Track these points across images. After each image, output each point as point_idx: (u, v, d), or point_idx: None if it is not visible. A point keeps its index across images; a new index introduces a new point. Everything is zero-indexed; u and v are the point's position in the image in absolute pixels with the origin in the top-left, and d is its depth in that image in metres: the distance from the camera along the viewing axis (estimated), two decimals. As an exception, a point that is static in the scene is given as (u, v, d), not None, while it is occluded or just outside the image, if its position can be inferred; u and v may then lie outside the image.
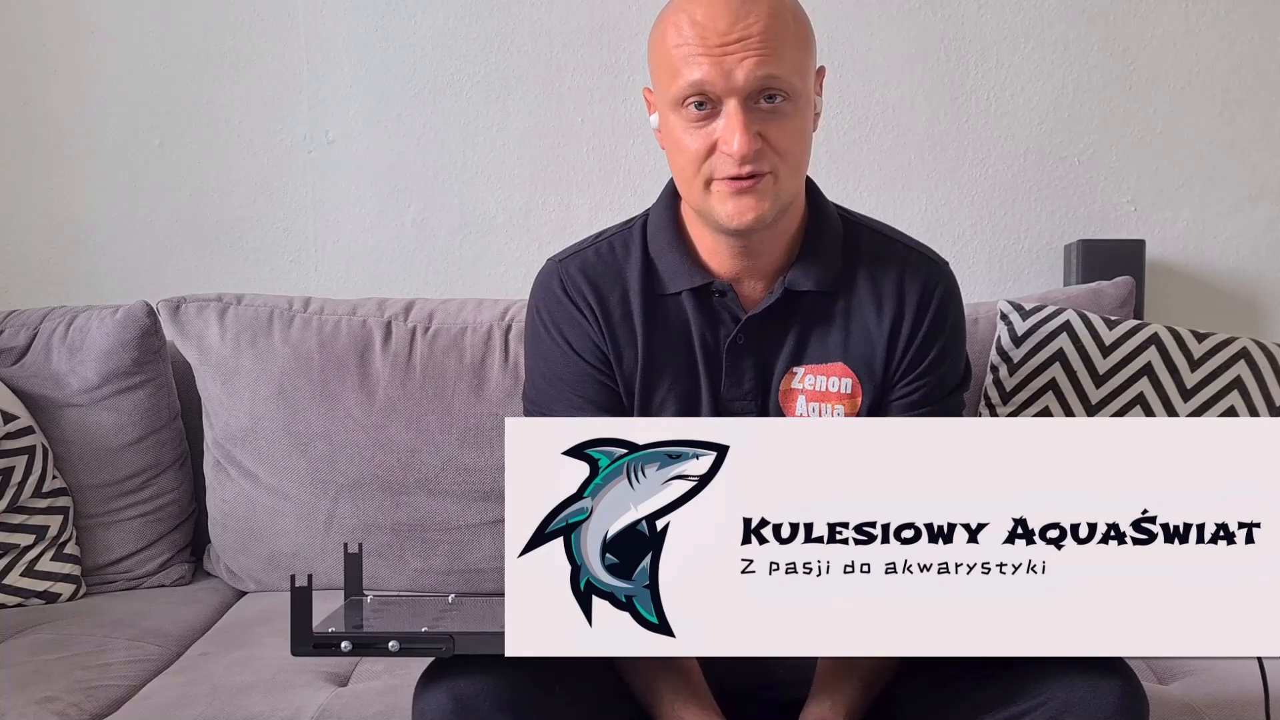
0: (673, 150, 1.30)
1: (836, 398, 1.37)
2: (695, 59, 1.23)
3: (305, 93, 2.16)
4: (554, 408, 1.39)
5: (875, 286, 1.37)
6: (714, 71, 1.22)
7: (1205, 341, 1.76)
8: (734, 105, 1.23)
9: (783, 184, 1.28)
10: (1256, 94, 2.12)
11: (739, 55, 1.22)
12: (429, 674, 1.14)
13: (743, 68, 1.22)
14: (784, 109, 1.25)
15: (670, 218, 1.38)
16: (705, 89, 1.23)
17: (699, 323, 1.36)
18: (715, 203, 1.28)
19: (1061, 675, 1.12)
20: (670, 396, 1.37)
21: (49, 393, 1.87)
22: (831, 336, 1.37)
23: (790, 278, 1.35)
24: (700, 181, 1.27)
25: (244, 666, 1.55)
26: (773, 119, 1.25)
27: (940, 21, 2.12)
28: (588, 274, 1.39)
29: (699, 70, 1.23)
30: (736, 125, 1.23)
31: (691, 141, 1.26)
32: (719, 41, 1.22)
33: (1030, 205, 2.15)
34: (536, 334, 1.41)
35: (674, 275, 1.36)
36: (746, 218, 1.27)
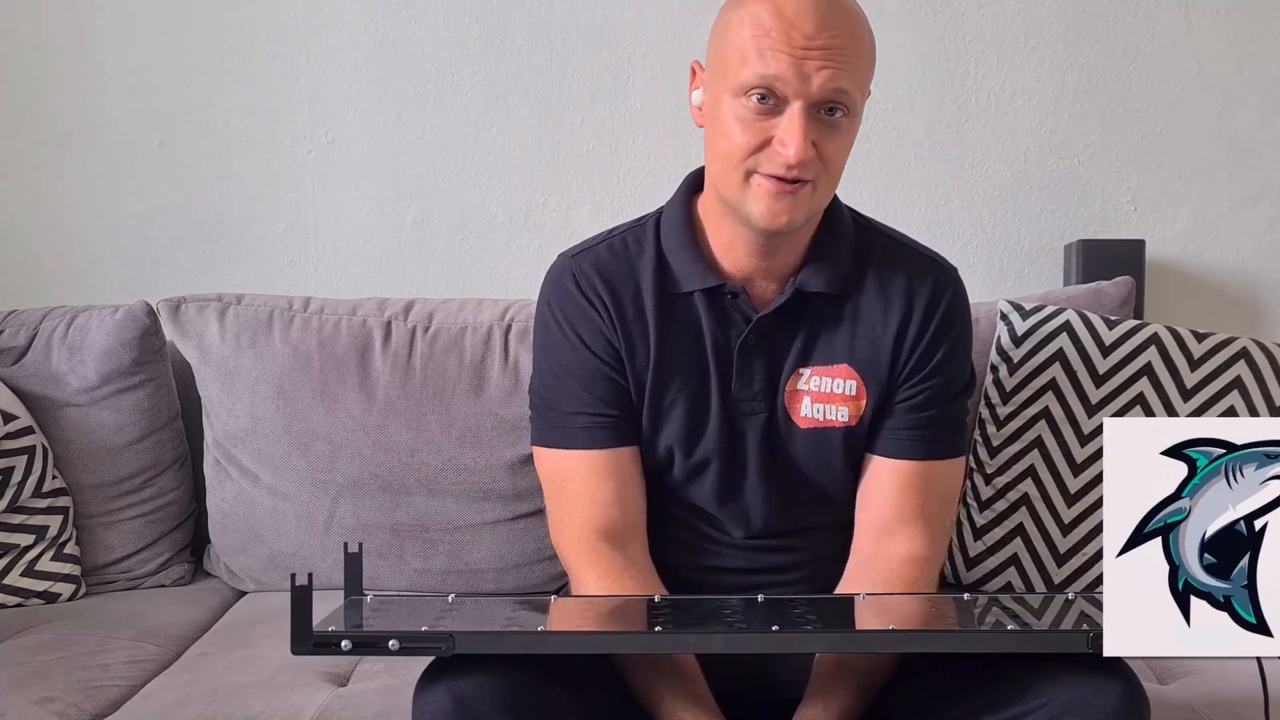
0: (719, 135, 1.28)
1: (841, 399, 1.37)
2: (775, 53, 1.22)
3: (305, 93, 2.16)
4: (562, 403, 1.38)
5: (884, 290, 1.37)
6: (792, 71, 1.22)
7: (1205, 341, 1.76)
8: (799, 109, 1.23)
9: (820, 194, 1.29)
10: (1256, 94, 2.12)
11: (818, 62, 1.22)
12: (429, 674, 1.14)
13: (820, 75, 1.22)
14: (841, 123, 1.26)
15: (685, 217, 1.38)
16: (776, 86, 1.23)
17: (711, 323, 1.36)
18: (751, 197, 1.27)
19: (1062, 676, 1.13)
20: (680, 396, 1.37)
21: (49, 392, 1.87)
22: (838, 338, 1.37)
23: (801, 278, 1.35)
24: (741, 172, 1.27)
25: (244, 666, 1.55)
26: (828, 131, 1.25)
27: (940, 21, 2.12)
28: (601, 270, 1.38)
29: (778, 65, 1.22)
30: (798, 130, 1.22)
31: (743, 132, 1.25)
32: (803, 43, 1.22)
33: (1030, 205, 2.15)
34: (547, 328, 1.40)
35: (687, 275, 1.36)
36: (780, 220, 1.27)
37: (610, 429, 1.37)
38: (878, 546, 1.37)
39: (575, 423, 1.37)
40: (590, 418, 1.37)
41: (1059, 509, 1.75)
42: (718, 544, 1.42)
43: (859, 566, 1.38)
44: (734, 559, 1.42)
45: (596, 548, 1.35)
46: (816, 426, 1.37)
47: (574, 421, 1.37)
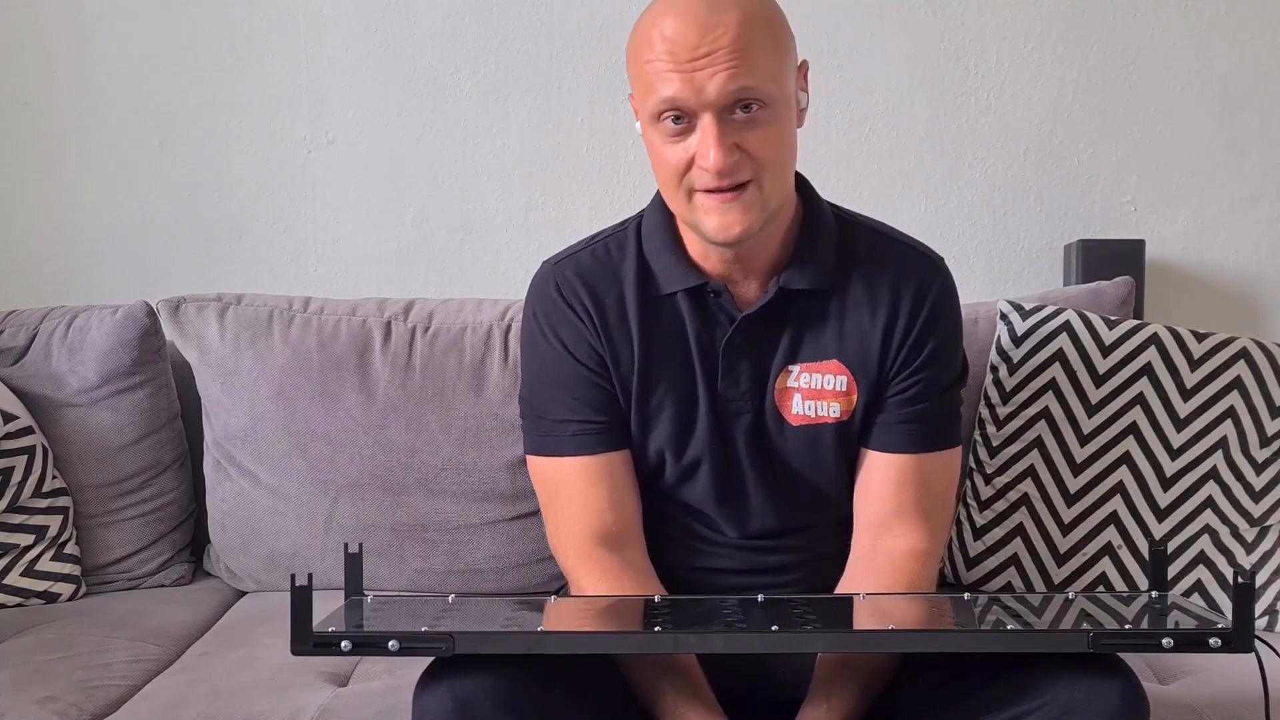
0: (655, 161, 1.30)
1: (832, 395, 1.37)
2: (667, 75, 1.22)
3: (305, 93, 2.16)
4: (551, 410, 1.39)
5: (870, 284, 1.37)
6: (685, 88, 1.22)
7: (1205, 341, 1.76)
8: (708, 119, 1.23)
9: (767, 191, 1.27)
10: (1256, 94, 2.12)
11: (709, 70, 1.21)
12: (429, 674, 1.14)
13: (714, 82, 1.21)
14: (761, 117, 1.24)
15: (664, 219, 1.39)
16: (679, 104, 1.23)
17: (695, 323, 1.37)
18: (701, 215, 1.27)
19: (1062, 676, 1.12)
20: (668, 398, 1.38)
21: (49, 393, 1.87)
22: (826, 335, 1.37)
23: (784, 277, 1.35)
24: (683, 193, 1.28)
25: (244, 666, 1.55)
26: (750, 128, 1.24)
27: (940, 21, 2.12)
28: (583, 276, 1.39)
29: (671, 86, 1.22)
30: (711, 140, 1.22)
31: (671, 154, 1.26)
32: (689, 56, 1.21)
33: (1030, 205, 2.15)
34: (532, 337, 1.41)
35: (669, 276, 1.37)
36: (734, 231, 1.27)
37: (600, 435, 1.37)
38: (877, 542, 1.37)
39: (565, 430, 1.38)
40: (579, 425, 1.37)
41: (1059, 509, 1.75)
42: (713, 544, 1.43)
43: (859, 563, 1.38)
44: (730, 559, 1.42)
45: (594, 553, 1.35)
46: (808, 423, 1.37)
47: (563, 429, 1.38)
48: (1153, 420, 1.74)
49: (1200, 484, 1.73)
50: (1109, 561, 1.74)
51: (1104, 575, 1.73)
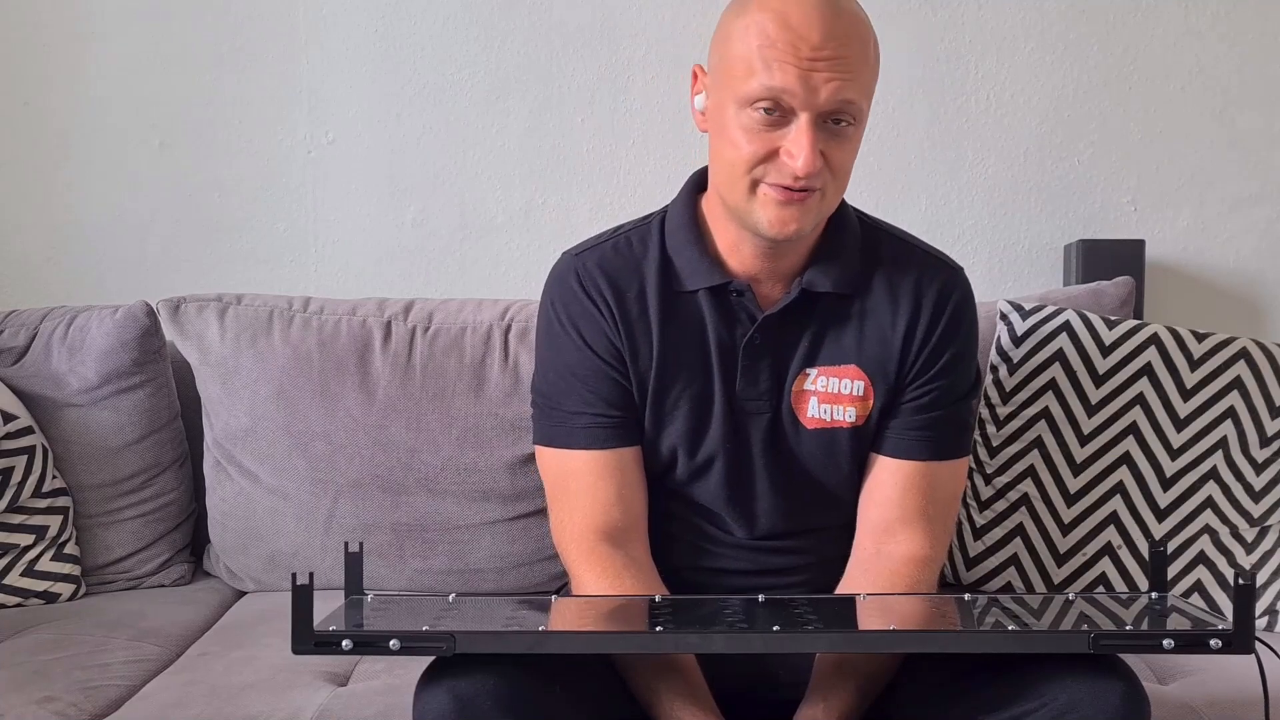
0: (725, 144, 1.27)
1: (849, 400, 1.37)
2: (782, 65, 1.20)
3: (305, 93, 2.16)
4: (564, 402, 1.38)
5: (892, 290, 1.37)
6: (799, 84, 1.20)
7: (1205, 341, 1.76)
8: (806, 121, 1.22)
9: (828, 201, 1.29)
10: (1256, 94, 2.12)
11: (825, 73, 1.20)
12: (429, 673, 1.14)
13: (828, 87, 1.21)
14: (848, 131, 1.25)
15: (689, 215, 1.38)
16: (784, 98, 1.21)
17: (715, 322, 1.36)
18: (759, 206, 1.26)
19: (1062, 676, 1.12)
20: (684, 395, 1.37)
21: (49, 393, 1.87)
22: (846, 338, 1.37)
23: (808, 278, 1.35)
24: (748, 182, 1.26)
25: (244, 666, 1.55)
26: (836, 140, 1.25)
27: (940, 21, 2.12)
28: (605, 269, 1.38)
29: (783, 78, 1.20)
30: (806, 143, 1.22)
31: (750, 142, 1.24)
32: (810, 54, 1.20)
33: (1030, 205, 2.15)
34: (550, 327, 1.40)
35: (692, 273, 1.36)
36: (789, 229, 1.27)
37: (613, 429, 1.37)
38: (879, 546, 1.37)
39: (577, 422, 1.37)
40: (592, 418, 1.37)
41: (1059, 509, 1.75)
42: (721, 545, 1.42)
43: (860, 566, 1.37)
44: (737, 560, 1.42)
45: (597, 547, 1.35)
46: (824, 427, 1.37)
47: (576, 421, 1.37)
48: (1153, 420, 1.74)
49: (1200, 484, 1.73)
50: (1109, 561, 1.74)
51: (1104, 575, 1.73)
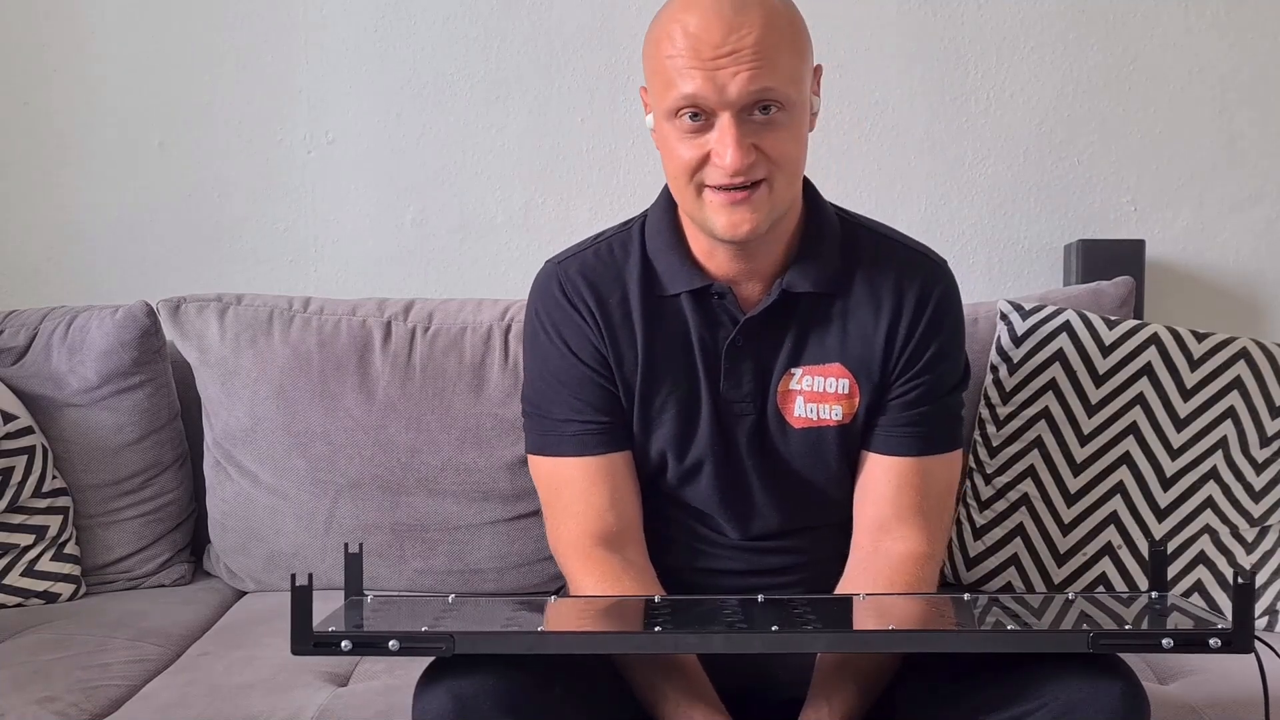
0: (666, 156, 1.30)
1: (834, 398, 1.37)
2: (688, 71, 1.22)
3: (305, 93, 2.16)
4: (553, 410, 1.39)
5: (873, 287, 1.37)
6: (707, 85, 1.22)
7: (1205, 341, 1.76)
8: (727, 119, 1.23)
9: (778, 192, 1.28)
10: (1256, 94, 2.12)
11: (732, 69, 1.21)
12: (429, 674, 1.14)
13: (736, 81, 1.21)
14: (779, 119, 1.25)
15: (669, 220, 1.38)
16: (698, 102, 1.23)
17: (698, 324, 1.36)
18: (710, 212, 1.28)
19: (1062, 676, 1.13)
20: (671, 399, 1.38)
21: (49, 393, 1.87)
22: (829, 337, 1.37)
23: (788, 279, 1.35)
24: (693, 189, 1.28)
25: (244, 666, 1.55)
26: (767, 129, 1.24)
27: (940, 21, 2.12)
28: (587, 276, 1.38)
29: (692, 83, 1.22)
30: (729, 139, 1.22)
31: (685, 151, 1.26)
32: (712, 54, 1.21)
33: (1030, 205, 2.15)
34: (535, 336, 1.41)
35: (673, 277, 1.36)
36: (742, 230, 1.27)
37: (602, 435, 1.37)
38: (876, 544, 1.37)
39: (567, 430, 1.38)
40: (581, 425, 1.37)
41: (1059, 509, 1.75)
42: (715, 546, 1.43)
43: (858, 565, 1.38)
44: (732, 561, 1.42)
45: (594, 552, 1.35)
46: (811, 426, 1.37)
47: (565, 429, 1.38)
48: (1153, 420, 1.74)
49: (1200, 484, 1.73)
50: (1109, 561, 1.74)
51: (1104, 575, 1.73)
